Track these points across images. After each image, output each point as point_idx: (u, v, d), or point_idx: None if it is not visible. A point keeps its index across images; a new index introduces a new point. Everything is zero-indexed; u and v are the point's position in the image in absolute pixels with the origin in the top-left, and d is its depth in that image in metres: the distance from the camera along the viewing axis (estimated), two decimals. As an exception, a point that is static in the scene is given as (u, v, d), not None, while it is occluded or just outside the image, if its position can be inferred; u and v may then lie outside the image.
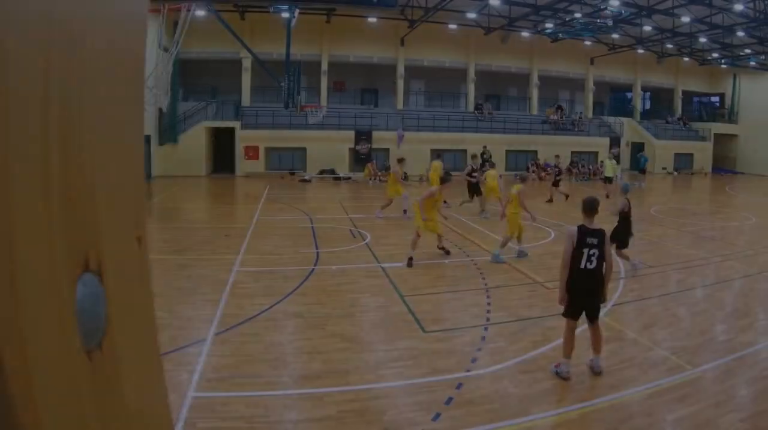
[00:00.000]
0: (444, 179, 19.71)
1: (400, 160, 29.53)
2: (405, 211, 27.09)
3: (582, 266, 10.09)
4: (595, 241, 10.11)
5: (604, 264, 10.32)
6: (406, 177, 35.91)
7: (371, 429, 8.42)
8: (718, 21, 47.66)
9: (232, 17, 46.26)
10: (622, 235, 18.30)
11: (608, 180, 37.92)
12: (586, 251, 10.07)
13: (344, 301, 14.71)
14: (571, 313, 10.27)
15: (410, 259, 18.39)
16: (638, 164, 52.44)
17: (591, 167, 56.16)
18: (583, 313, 10.34)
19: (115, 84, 1.11)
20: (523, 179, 20.68)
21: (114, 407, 1.05)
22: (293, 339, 12.08)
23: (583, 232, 10.19)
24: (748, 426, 8.59)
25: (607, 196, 34.40)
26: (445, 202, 30.41)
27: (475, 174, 28.98)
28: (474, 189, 29.15)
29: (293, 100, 34.24)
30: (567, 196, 34.43)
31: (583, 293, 10.23)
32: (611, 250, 11.40)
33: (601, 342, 10.42)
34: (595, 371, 10.33)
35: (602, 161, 45.49)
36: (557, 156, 38.80)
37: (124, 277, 1.13)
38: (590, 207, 10.47)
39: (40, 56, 0.84)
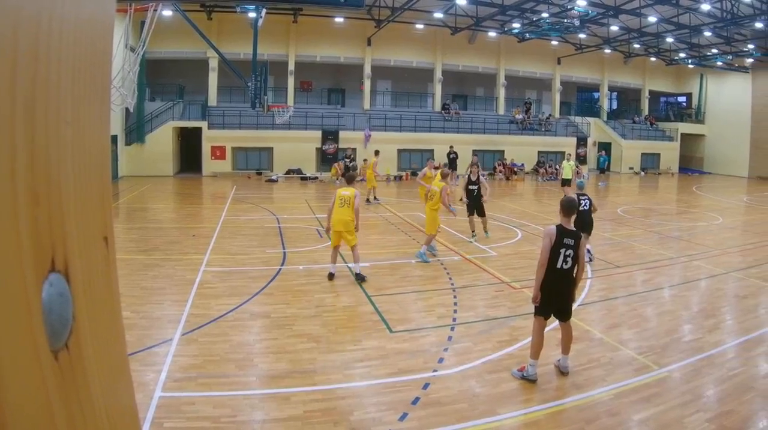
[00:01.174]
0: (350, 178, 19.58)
1: (377, 152, 29.75)
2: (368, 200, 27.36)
3: (558, 266, 10.10)
4: (571, 242, 10.14)
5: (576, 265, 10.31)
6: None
7: (338, 429, 8.43)
8: (685, 21, 47.87)
9: (199, 17, 45.95)
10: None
11: (566, 182, 37.15)
12: (562, 251, 10.09)
13: (311, 301, 14.73)
14: (541, 312, 10.27)
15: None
16: (599, 164, 52.85)
17: (558, 167, 56.49)
18: (553, 313, 10.38)
19: (82, 84, 1.11)
20: (444, 176, 20.71)
21: (81, 407, 1.04)
22: (260, 339, 12.10)
23: (561, 232, 10.19)
24: (715, 426, 8.69)
25: None
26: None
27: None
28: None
29: (260, 100, 34.07)
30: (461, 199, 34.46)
31: (557, 293, 10.24)
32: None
33: (570, 342, 10.51)
34: (563, 371, 10.42)
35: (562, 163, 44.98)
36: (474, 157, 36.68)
37: (90, 277, 1.13)
38: (569, 207, 10.52)
39: (5, 57, 0.84)
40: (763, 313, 15.01)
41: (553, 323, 10.63)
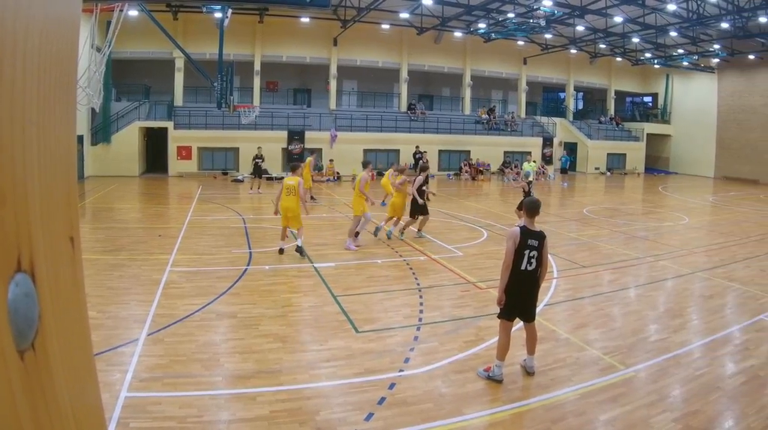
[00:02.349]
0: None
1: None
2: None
3: (522, 267, 10.07)
4: (535, 243, 10.10)
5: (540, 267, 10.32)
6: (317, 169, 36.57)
7: (304, 429, 8.43)
8: (651, 21, 48.10)
9: (165, 17, 45.80)
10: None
11: (527, 183, 37.09)
12: (526, 252, 10.05)
13: (277, 301, 14.74)
14: (506, 314, 10.26)
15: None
16: (561, 165, 53.13)
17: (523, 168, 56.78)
18: (517, 315, 10.37)
19: (47, 84, 1.11)
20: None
21: (47, 407, 1.04)
22: (226, 339, 12.08)
23: (525, 233, 10.14)
24: (681, 426, 8.78)
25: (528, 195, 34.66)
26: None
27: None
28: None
29: (226, 100, 34.00)
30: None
31: (521, 294, 10.21)
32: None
33: (535, 343, 10.52)
34: (529, 372, 10.44)
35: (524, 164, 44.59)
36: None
37: (56, 277, 1.12)
38: (533, 208, 10.47)
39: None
40: (728, 313, 15.18)
41: (519, 324, 10.63)
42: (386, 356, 11.30)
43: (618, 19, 47.58)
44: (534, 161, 43.00)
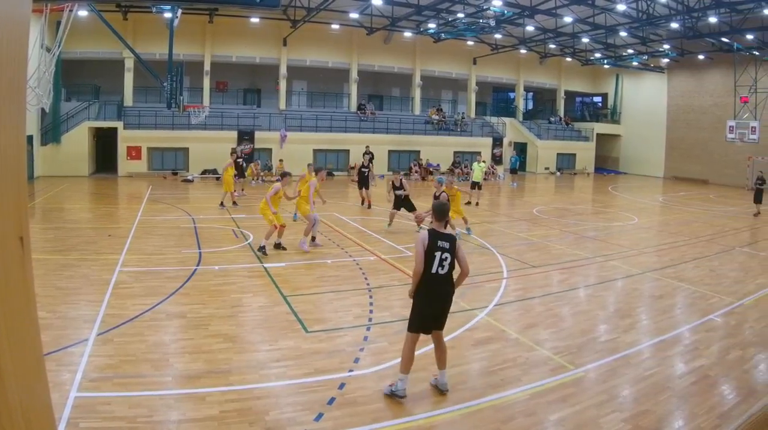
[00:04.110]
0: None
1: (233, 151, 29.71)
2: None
3: (434, 270, 9.76)
4: (446, 245, 9.80)
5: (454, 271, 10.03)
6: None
7: (253, 429, 8.48)
8: (601, 21, 48.23)
9: (115, 17, 45.36)
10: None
11: (477, 185, 36.37)
12: (437, 254, 9.74)
13: (227, 301, 14.75)
14: (416, 326, 9.97)
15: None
16: (511, 165, 53.34)
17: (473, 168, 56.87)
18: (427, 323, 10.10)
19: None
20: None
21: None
22: (175, 339, 12.06)
23: (434, 235, 9.85)
24: (631, 426, 8.92)
25: (477, 204, 34.88)
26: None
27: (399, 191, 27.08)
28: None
29: (176, 100, 33.71)
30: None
31: (434, 299, 9.93)
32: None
33: (446, 355, 10.19)
34: (442, 389, 10.04)
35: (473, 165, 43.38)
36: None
37: (6, 277, 1.15)
38: (440, 212, 10.27)
39: None
40: (678, 313, 15.43)
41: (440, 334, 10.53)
42: (336, 356, 11.35)
43: (568, 20, 47.64)
44: (484, 161, 42.82)
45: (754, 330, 14.03)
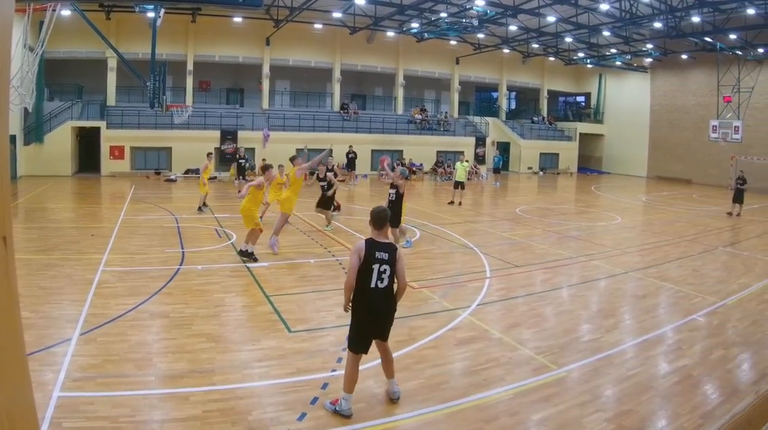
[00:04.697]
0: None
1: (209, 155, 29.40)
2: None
3: (372, 284, 9.01)
4: (385, 256, 9.05)
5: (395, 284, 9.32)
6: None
7: (236, 429, 8.54)
8: (584, 21, 48.16)
9: (98, 17, 45.21)
10: (396, 215, 19.51)
11: (460, 185, 35.83)
12: (376, 267, 8.99)
13: (210, 300, 14.76)
14: (357, 345, 9.31)
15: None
16: (494, 164, 53.34)
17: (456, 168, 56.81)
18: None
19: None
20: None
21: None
22: (158, 339, 12.07)
23: (372, 245, 9.13)
24: (614, 426, 8.99)
25: (459, 204, 35.08)
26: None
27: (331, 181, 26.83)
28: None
29: (159, 99, 33.64)
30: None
31: (374, 316, 9.26)
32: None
33: (392, 364, 9.77)
34: (392, 398, 9.66)
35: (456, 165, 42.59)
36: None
37: None
38: (379, 218, 9.44)
39: None
40: (661, 313, 15.49)
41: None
42: (319, 355, 11.38)
43: (551, 19, 47.63)
44: (467, 161, 42.86)
45: (737, 330, 14.10)
